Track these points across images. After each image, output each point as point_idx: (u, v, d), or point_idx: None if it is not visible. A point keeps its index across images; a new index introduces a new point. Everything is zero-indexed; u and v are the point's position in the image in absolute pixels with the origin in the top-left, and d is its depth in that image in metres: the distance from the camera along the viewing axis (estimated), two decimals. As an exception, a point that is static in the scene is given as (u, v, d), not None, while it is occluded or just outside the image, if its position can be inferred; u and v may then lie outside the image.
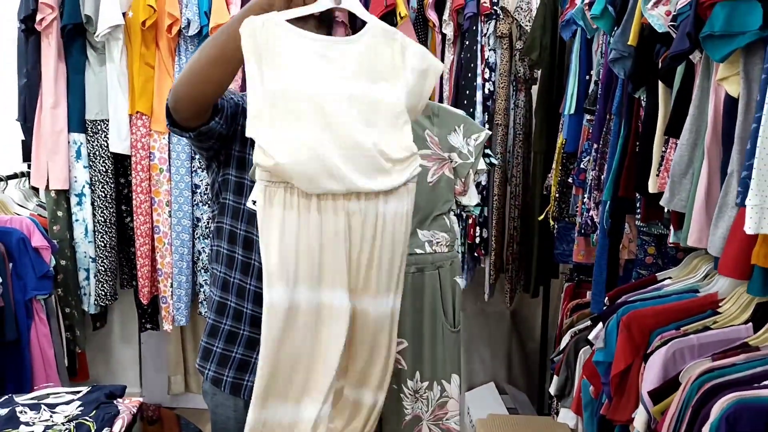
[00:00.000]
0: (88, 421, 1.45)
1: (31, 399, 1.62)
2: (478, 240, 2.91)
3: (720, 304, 1.65)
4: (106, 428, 1.42)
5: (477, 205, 1.58)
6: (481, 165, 1.55)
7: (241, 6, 2.74)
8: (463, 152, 1.50)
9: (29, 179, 3.02)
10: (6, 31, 3.04)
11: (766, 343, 1.44)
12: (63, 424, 1.46)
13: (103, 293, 2.98)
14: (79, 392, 1.65)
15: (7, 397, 1.64)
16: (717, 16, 1.28)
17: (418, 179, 1.45)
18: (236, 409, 1.62)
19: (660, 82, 1.71)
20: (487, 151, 1.55)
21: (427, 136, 1.49)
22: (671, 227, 1.67)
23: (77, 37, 2.83)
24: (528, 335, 3.49)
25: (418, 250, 1.45)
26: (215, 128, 1.49)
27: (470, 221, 2.84)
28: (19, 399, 1.62)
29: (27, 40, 2.83)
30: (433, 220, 1.47)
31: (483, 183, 2.86)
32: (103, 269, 2.96)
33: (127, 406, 1.53)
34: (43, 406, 1.58)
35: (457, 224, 1.55)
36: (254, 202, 1.44)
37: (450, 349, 1.49)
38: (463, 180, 1.51)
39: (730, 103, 1.38)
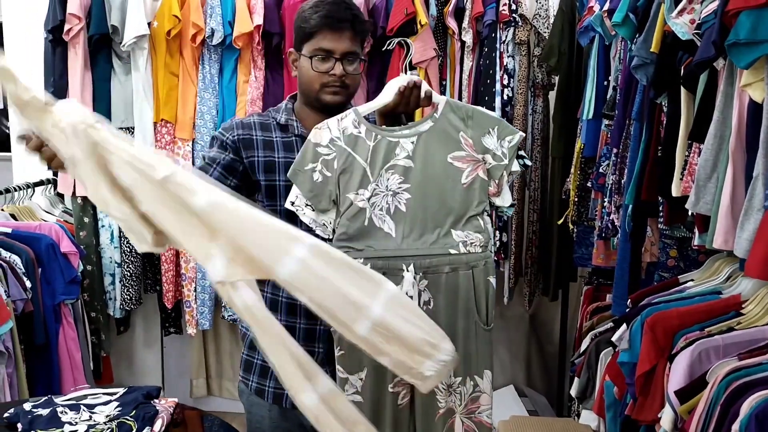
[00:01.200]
0: (129, 420, 1.49)
1: (70, 400, 1.66)
2: (497, 244, 2.94)
3: (743, 306, 1.67)
4: (147, 427, 1.46)
5: (511, 206, 1.62)
6: (515, 167, 1.58)
7: (264, 17, 2.80)
8: (497, 154, 1.54)
9: (55, 186, 3.09)
10: (33, 42, 3.11)
11: (792, 342, 1.47)
12: (105, 423, 1.50)
13: (128, 298, 3.03)
14: (115, 393, 1.68)
15: (46, 398, 1.68)
16: (742, 24, 1.31)
17: (452, 181, 1.50)
18: (271, 409, 1.66)
19: (682, 88, 1.75)
20: (521, 152, 1.58)
21: (462, 138, 1.52)
22: (695, 230, 1.70)
23: (103, 46, 2.89)
24: (547, 338, 3.52)
25: (453, 251, 1.49)
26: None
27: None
28: (58, 400, 1.66)
29: (54, 51, 2.90)
30: (467, 222, 1.51)
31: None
32: (129, 274, 3.02)
33: (164, 406, 1.57)
34: (82, 406, 1.61)
35: (491, 225, 1.58)
36: (292, 203, 1.49)
37: (482, 346, 1.52)
38: (496, 181, 1.55)
39: (754, 108, 1.41)
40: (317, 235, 1.47)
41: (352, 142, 1.51)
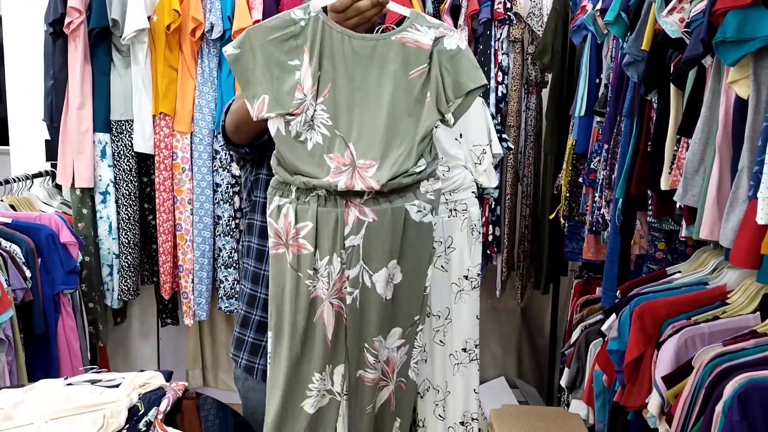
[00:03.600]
0: (136, 401, 1.54)
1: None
2: (490, 238, 3.00)
3: (728, 296, 1.74)
4: (154, 407, 1.50)
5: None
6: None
7: (263, 12, 2.84)
8: None
9: (53, 178, 3.12)
10: (33, 34, 3.13)
11: (774, 330, 1.53)
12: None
13: (126, 288, 3.06)
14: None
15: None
16: (729, 23, 1.37)
17: None
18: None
19: (672, 85, 1.81)
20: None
21: None
22: (683, 222, 1.76)
23: (103, 40, 2.92)
24: (538, 331, 3.58)
25: None
26: (266, 140, 1.56)
27: (483, 219, 2.93)
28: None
29: (54, 43, 2.92)
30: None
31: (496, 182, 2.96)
32: (127, 265, 3.05)
33: (173, 389, 1.61)
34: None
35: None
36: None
37: None
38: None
39: (740, 104, 1.47)
40: None
41: None
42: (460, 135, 1.69)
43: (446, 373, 1.71)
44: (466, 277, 1.68)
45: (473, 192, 1.68)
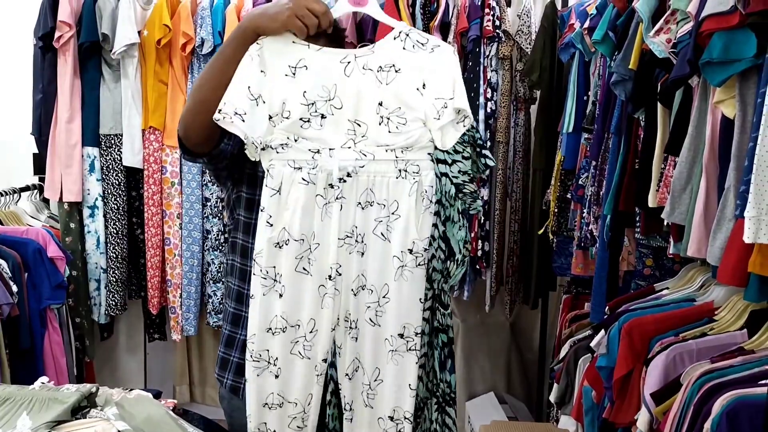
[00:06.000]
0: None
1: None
2: (480, 253, 3.01)
3: (716, 312, 1.75)
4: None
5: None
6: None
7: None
8: None
9: (41, 192, 3.10)
10: (22, 48, 3.12)
11: (761, 347, 1.54)
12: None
13: (113, 303, 3.04)
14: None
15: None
16: (715, 44, 1.39)
17: None
18: None
19: (659, 104, 1.83)
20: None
21: None
22: (671, 239, 1.78)
23: (93, 54, 2.92)
24: (527, 346, 3.59)
25: None
26: (226, 149, 1.56)
27: (473, 235, 2.94)
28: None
29: (44, 57, 2.92)
30: None
31: (485, 198, 2.97)
32: (114, 280, 3.03)
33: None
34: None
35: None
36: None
37: None
38: None
39: (726, 123, 1.49)
40: None
41: None
42: (423, 85, 1.48)
43: (377, 358, 1.49)
44: (411, 251, 1.45)
45: (429, 154, 1.48)
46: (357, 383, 1.50)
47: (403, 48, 1.46)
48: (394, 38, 1.47)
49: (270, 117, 1.44)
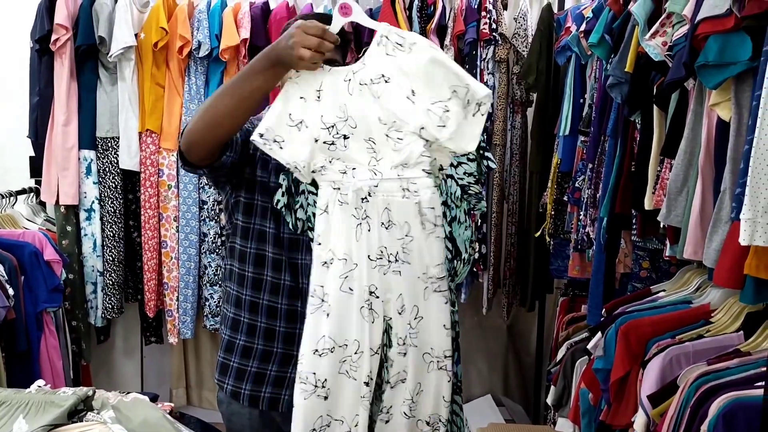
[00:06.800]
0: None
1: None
2: (477, 256, 3.01)
3: (712, 315, 1.76)
4: None
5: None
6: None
7: (251, 31, 2.86)
8: None
9: (37, 195, 3.09)
10: (19, 51, 3.12)
11: (757, 349, 1.55)
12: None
13: (110, 306, 3.04)
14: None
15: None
16: (711, 47, 1.40)
17: None
18: (251, 417, 1.67)
19: (655, 107, 1.84)
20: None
21: None
22: (667, 242, 1.78)
23: (89, 57, 2.92)
24: (524, 348, 3.59)
25: None
26: (227, 161, 1.54)
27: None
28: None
29: (40, 60, 2.92)
30: None
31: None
32: (111, 283, 3.03)
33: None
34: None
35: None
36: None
37: None
38: None
39: (722, 126, 1.49)
40: None
41: None
42: (413, 92, 1.38)
43: (419, 375, 1.46)
44: (428, 276, 1.43)
45: (424, 170, 1.40)
46: (398, 392, 1.47)
47: (387, 54, 1.40)
48: (378, 44, 1.42)
49: (316, 140, 1.41)
